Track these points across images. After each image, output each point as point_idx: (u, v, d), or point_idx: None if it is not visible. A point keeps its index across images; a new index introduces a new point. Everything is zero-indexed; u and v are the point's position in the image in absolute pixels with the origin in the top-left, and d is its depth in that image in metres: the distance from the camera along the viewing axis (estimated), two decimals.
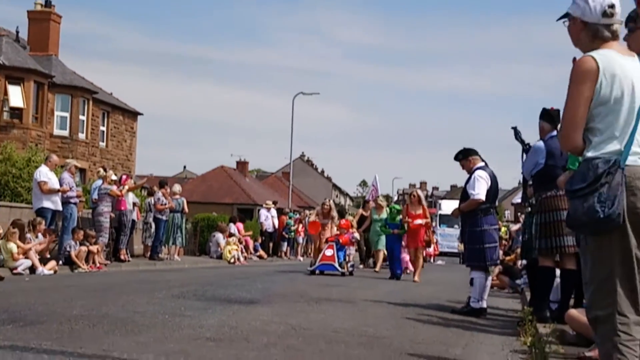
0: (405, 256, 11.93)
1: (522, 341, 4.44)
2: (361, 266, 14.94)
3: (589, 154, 2.39)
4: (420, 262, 11.14)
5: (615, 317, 2.31)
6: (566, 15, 2.52)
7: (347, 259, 11.80)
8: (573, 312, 4.16)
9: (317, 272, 10.94)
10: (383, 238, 12.06)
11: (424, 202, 11.31)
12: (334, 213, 12.33)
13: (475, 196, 5.95)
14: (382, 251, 12.49)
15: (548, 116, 4.99)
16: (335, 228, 12.02)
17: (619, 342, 2.30)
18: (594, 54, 2.39)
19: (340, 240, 11.53)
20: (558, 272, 5.26)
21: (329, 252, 11.13)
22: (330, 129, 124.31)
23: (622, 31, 2.79)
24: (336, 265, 10.90)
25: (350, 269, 11.63)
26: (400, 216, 11.29)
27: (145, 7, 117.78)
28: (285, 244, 19.17)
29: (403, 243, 11.65)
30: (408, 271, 11.80)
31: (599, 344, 2.50)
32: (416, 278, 10.57)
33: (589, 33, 2.45)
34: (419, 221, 10.56)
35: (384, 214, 12.13)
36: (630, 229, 2.29)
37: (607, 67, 2.36)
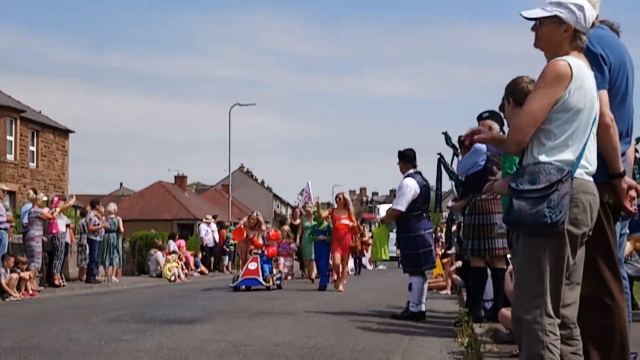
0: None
1: (459, 342, 4.63)
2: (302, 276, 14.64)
3: (542, 157, 2.46)
4: (345, 271, 10.62)
5: (544, 318, 2.43)
6: (554, 17, 2.52)
7: (273, 272, 11.02)
8: (505, 311, 4.35)
9: (242, 287, 10.29)
10: (313, 246, 11.82)
11: (351, 207, 10.86)
12: (264, 227, 11.90)
13: (394, 207, 6.29)
14: (313, 261, 12.26)
15: (498, 117, 5.17)
16: (260, 238, 11.45)
17: (549, 342, 2.42)
18: (569, 60, 2.45)
19: (266, 252, 11.06)
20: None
21: (252, 266, 10.53)
22: (269, 139, 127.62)
23: None
24: (260, 279, 10.31)
25: (277, 282, 10.91)
26: (327, 221, 10.97)
27: (77, 20, 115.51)
28: (227, 257, 19.13)
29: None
30: (332, 280, 10.89)
31: (525, 343, 2.58)
32: (340, 288, 10.05)
33: (574, 40, 2.52)
34: (345, 221, 10.16)
35: (314, 221, 11.90)
36: (567, 236, 2.41)
37: (579, 77, 2.44)
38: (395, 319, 6.14)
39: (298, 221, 13.68)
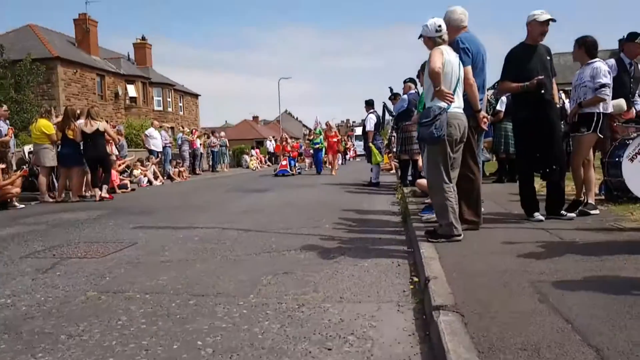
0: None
1: (396, 196, 9.02)
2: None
3: (429, 103, 4.17)
4: (336, 163, 17.82)
5: (443, 182, 4.16)
6: (420, 35, 4.37)
7: (295, 166, 19.21)
8: (419, 180, 8.60)
9: (279, 175, 17.32)
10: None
11: (334, 128, 18.66)
12: (289, 141, 20.09)
13: (368, 129, 10.93)
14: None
15: (411, 80, 9.17)
16: (289, 147, 19.50)
17: (446, 194, 4.17)
18: (441, 47, 4.19)
19: (291, 154, 19.85)
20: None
21: (284, 162, 18.36)
22: (301, 96, 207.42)
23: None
24: (288, 169, 17.76)
25: (299, 171, 18.95)
26: (319, 137, 17.71)
27: None
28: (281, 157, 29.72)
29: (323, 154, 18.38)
30: (329, 166, 18.41)
31: (434, 197, 4.31)
32: (333, 172, 16.83)
33: (431, 42, 4.30)
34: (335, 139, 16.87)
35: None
36: (447, 142, 4.12)
37: (445, 55, 4.17)
38: (364, 186, 10.77)
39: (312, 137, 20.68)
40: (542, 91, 5.00)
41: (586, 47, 5.35)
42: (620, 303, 2.56)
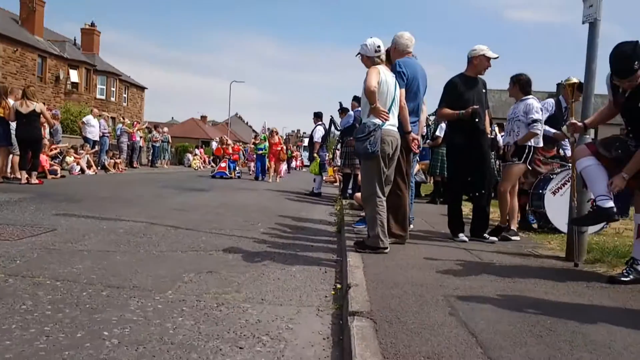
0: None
1: (335, 207, 9.14)
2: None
3: (365, 119, 4.25)
4: (279, 171, 17.87)
5: (375, 196, 4.28)
6: (359, 53, 4.46)
7: (235, 169, 18.28)
8: (357, 194, 8.76)
9: (217, 176, 16.97)
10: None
11: (278, 136, 17.68)
12: (230, 143, 19.28)
13: (315, 140, 11.21)
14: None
15: (356, 99, 9.33)
16: (230, 150, 18.71)
17: (377, 208, 4.26)
18: (378, 67, 4.29)
19: (232, 157, 18.57)
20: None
21: (222, 164, 17.96)
22: (251, 101, 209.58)
23: None
24: (227, 172, 17.32)
25: (238, 175, 18.21)
26: (264, 144, 17.28)
27: None
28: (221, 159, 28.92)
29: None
30: (272, 173, 17.67)
31: (367, 209, 4.41)
32: (277, 180, 16.70)
33: (370, 61, 4.40)
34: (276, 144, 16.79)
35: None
36: (381, 158, 4.23)
37: (382, 74, 4.26)
38: (306, 195, 10.79)
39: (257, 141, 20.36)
40: (477, 120, 5.24)
41: (520, 85, 5.65)
42: (525, 321, 2.69)
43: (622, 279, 3.53)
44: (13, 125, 9.70)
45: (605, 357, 2.26)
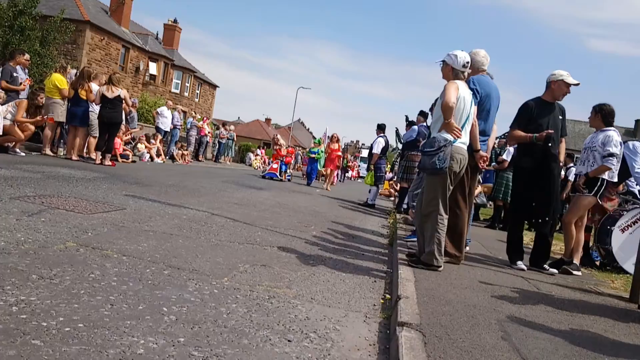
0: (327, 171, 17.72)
1: (388, 220, 9.09)
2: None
3: (435, 134, 4.14)
4: (332, 179, 17.18)
5: (437, 213, 4.16)
6: (443, 61, 4.31)
7: (286, 172, 17.64)
8: (411, 210, 8.77)
9: (266, 177, 16.51)
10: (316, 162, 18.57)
11: (340, 142, 17.34)
12: (282, 142, 18.17)
13: (374, 152, 11.10)
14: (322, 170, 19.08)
15: (422, 113, 9.27)
16: (284, 151, 18.28)
17: (438, 225, 4.15)
18: (457, 82, 4.16)
19: (284, 159, 17.73)
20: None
21: (275, 165, 17.13)
22: (316, 108, 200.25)
23: None
24: (277, 174, 16.70)
25: (288, 177, 17.72)
26: (318, 148, 17.33)
27: None
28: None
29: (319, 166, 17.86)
30: (324, 179, 17.79)
31: (427, 226, 4.20)
32: (328, 187, 16.08)
33: (452, 73, 4.28)
34: (336, 150, 16.56)
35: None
36: (448, 175, 4.16)
37: (461, 90, 4.19)
38: (360, 205, 10.79)
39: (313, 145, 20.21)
40: (550, 144, 5.07)
41: (602, 115, 5.42)
42: (581, 356, 2.59)
43: None
44: (93, 108, 10.33)
45: None
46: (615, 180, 5.53)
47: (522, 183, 5.31)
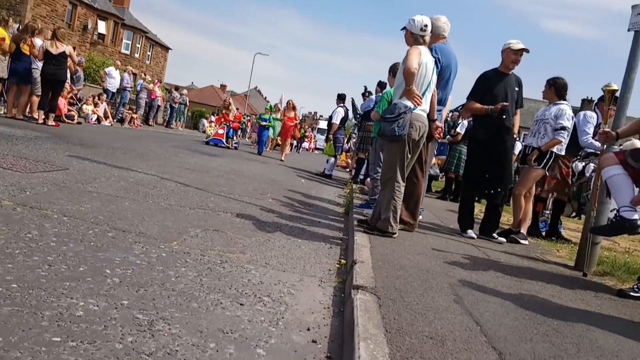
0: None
1: (345, 190, 9.09)
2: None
3: (396, 100, 4.09)
4: (287, 149, 15.76)
5: (394, 180, 4.15)
6: (404, 28, 4.26)
7: (233, 138, 16.19)
8: (368, 179, 8.77)
9: (210, 143, 15.17)
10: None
11: (297, 110, 15.86)
12: (232, 107, 16.64)
13: (333, 122, 11.03)
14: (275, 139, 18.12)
15: (380, 84, 9.19)
16: (231, 116, 16.51)
17: (394, 193, 4.15)
18: (420, 47, 4.09)
19: (231, 125, 16.10)
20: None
21: (220, 131, 15.71)
22: (273, 76, 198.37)
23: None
24: (223, 140, 15.36)
25: (235, 145, 16.18)
26: (269, 114, 16.29)
27: None
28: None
29: (269, 133, 16.69)
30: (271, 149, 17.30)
31: (384, 193, 4.20)
32: (282, 158, 14.76)
33: (412, 38, 4.21)
34: (291, 123, 15.02)
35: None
36: (407, 142, 4.12)
37: (423, 56, 4.09)
38: (316, 175, 10.72)
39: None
40: (504, 117, 5.12)
41: (556, 88, 5.50)
42: (531, 319, 2.63)
43: (632, 293, 3.46)
44: (36, 65, 9.69)
45: None
46: (563, 153, 5.67)
47: (476, 155, 5.37)
